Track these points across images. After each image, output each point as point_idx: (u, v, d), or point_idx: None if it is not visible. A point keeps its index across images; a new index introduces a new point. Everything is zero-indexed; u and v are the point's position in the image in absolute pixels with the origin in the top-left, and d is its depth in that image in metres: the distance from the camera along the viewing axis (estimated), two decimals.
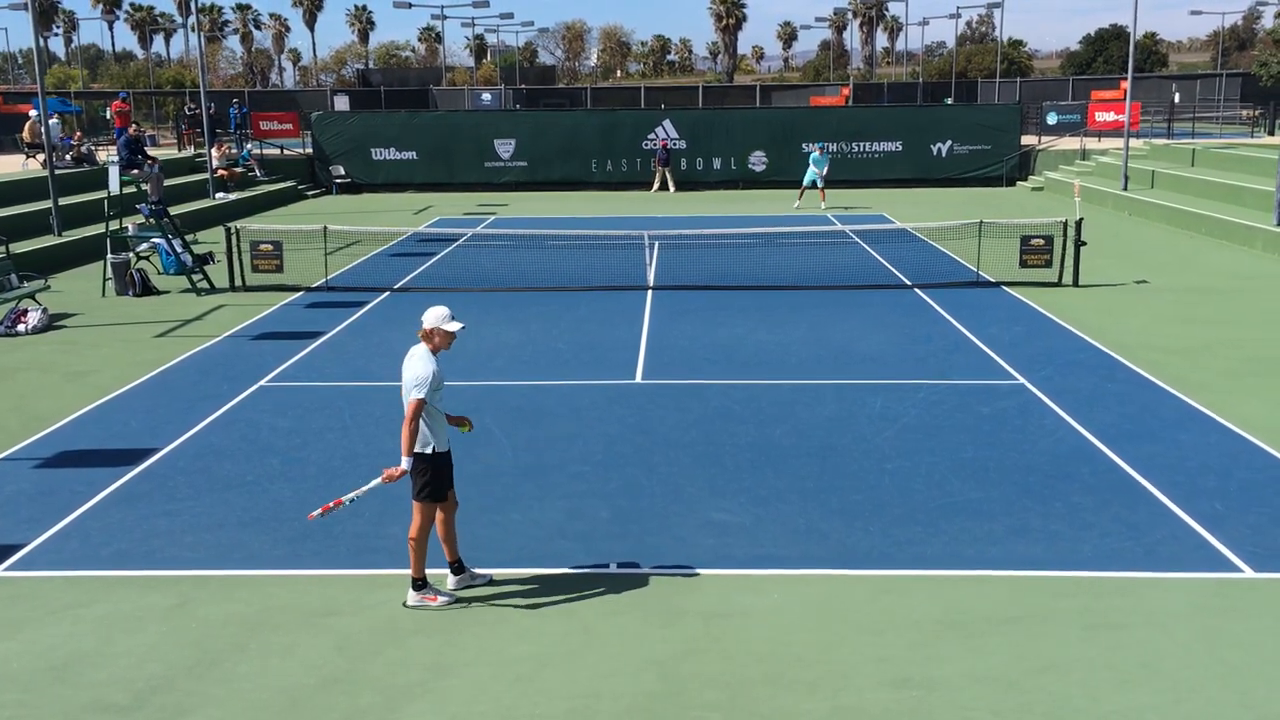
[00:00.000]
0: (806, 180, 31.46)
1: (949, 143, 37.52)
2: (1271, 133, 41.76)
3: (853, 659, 6.68)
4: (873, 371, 13.26)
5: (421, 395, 7.03)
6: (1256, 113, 46.65)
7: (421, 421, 7.12)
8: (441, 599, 7.39)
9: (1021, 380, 12.75)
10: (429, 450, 7.20)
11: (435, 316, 7.25)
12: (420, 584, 7.40)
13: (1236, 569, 7.85)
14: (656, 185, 37.18)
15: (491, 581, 7.72)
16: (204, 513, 9.03)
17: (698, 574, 7.85)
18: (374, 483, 7.30)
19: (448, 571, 7.63)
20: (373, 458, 10.29)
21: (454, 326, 7.26)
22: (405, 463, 7.13)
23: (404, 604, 7.39)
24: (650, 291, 18.61)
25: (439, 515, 7.43)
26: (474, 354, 14.22)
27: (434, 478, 7.24)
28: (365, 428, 11.26)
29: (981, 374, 13.12)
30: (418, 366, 7.12)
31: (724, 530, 8.60)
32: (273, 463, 10.24)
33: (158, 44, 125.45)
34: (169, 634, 7.06)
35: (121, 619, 7.27)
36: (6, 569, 8.03)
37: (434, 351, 7.24)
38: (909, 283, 19.06)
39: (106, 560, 8.16)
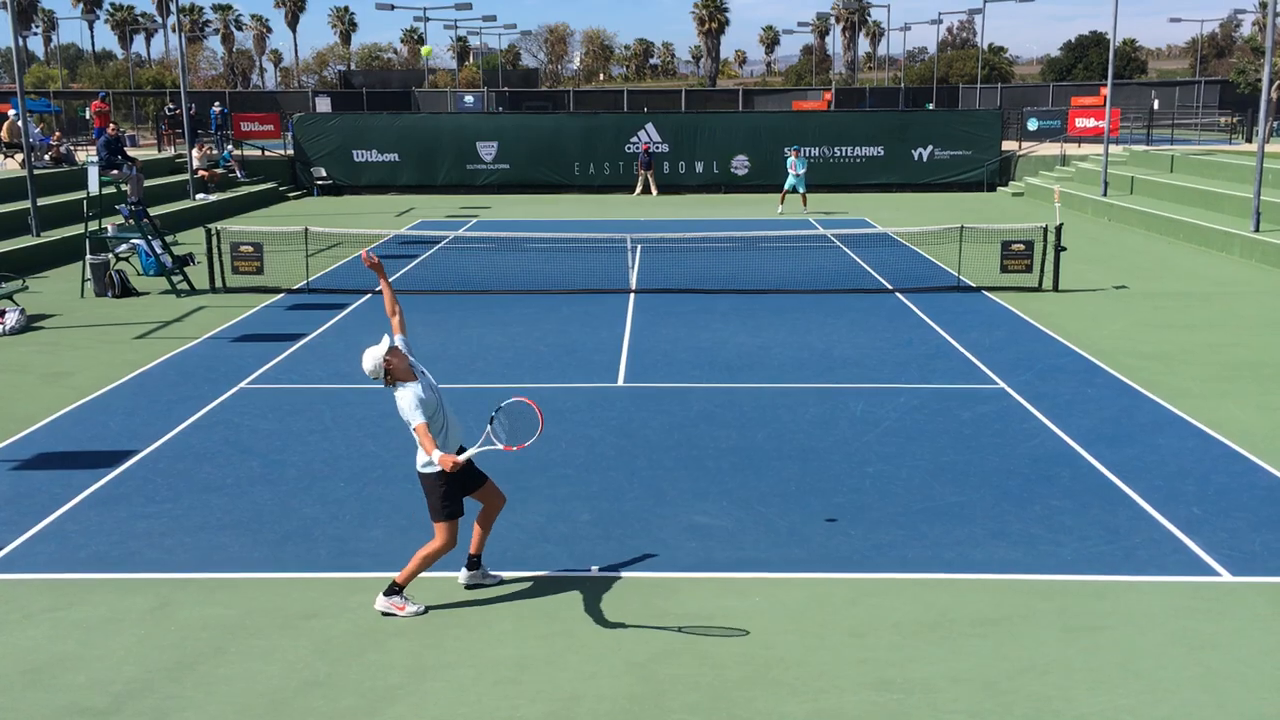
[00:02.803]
0: (787, 185, 31.53)
1: (930, 148, 37.68)
2: (1249, 139, 42.08)
3: (833, 661, 6.70)
4: (854, 375, 13.30)
5: (420, 420, 6.90)
6: (1234, 119, 47.07)
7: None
8: (410, 609, 7.28)
9: (1002, 385, 12.81)
10: (437, 469, 7.04)
11: (375, 356, 7.06)
12: (395, 590, 7.33)
13: (1214, 573, 7.90)
14: (639, 189, 37.21)
15: (501, 583, 7.72)
16: (183, 515, 8.99)
17: (679, 577, 7.85)
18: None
19: (463, 567, 7.64)
20: (354, 460, 10.28)
21: (385, 345, 7.12)
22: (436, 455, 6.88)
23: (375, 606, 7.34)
24: (632, 295, 18.62)
25: (489, 504, 7.44)
26: (456, 357, 14.20)
27: (449, 493, 7.12)
28: (346, 430, 11.22)
29: (962, 378, 13.18)
30: (402, 398, 6.99)
31: (706, 533, 8.61)
32: (253, 465, 10.20)
33: (138, 44, 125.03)
34: (148, 637, 7.02)
35: (100, 622, 7.22)
36: None
37: (405, 381, 7.06)
38: (890, 287, 19.13)
39: (85, 563, 8.11)
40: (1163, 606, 7.40)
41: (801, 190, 31.09)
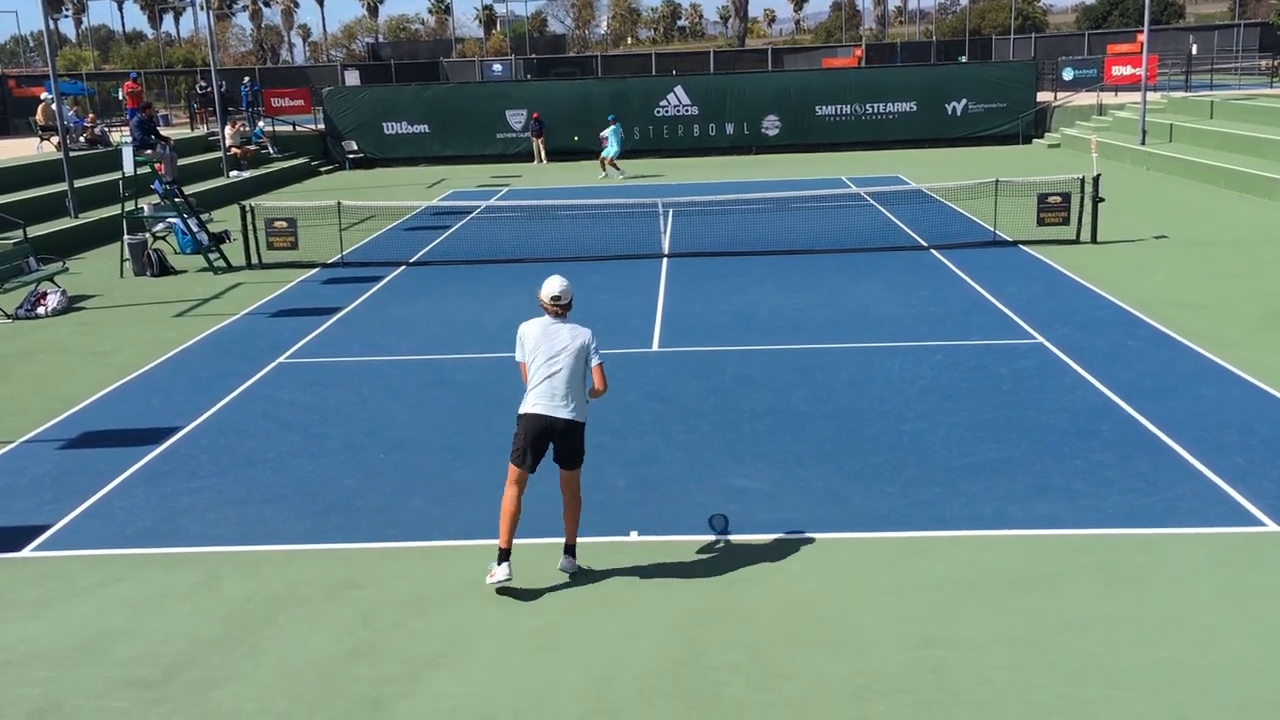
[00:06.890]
0: (606, 153, 31.35)
1: (964, 101, 37.20)
2: None
3: (874, 620, 6.69)
4: (890, 334, 13.21)
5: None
6: (1275, 63, 46.06)
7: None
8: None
9: (1040, 339, 12.69)
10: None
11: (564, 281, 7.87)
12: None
13: (1259, 523, 7.81)
14: (538, 158, 36.87)
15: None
16: (227, 489, 9.10)
17: (718, 539, 7.87)
18: None
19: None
20: (392, 431, 10.35)
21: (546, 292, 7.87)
22: None
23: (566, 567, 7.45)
24: (665, 259, 18.56)
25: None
26: (491, 326, 14.24)
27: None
28: (384, 402, 11.30)
29: (1000, 334, 13.06)
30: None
31: (743, 496, 8.61)
32: (293, 439, 10.30)
33: (167, 23, 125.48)
34: (195, 610, 7.13)
35: (148, 596, 7.34)
36: (33, 549, 8.12)
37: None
38: (925, 244, 18.95)
39: (131, 538, 8.24)
40: (1207, 558, 7.33)
41: (610, 156, 31.10)
